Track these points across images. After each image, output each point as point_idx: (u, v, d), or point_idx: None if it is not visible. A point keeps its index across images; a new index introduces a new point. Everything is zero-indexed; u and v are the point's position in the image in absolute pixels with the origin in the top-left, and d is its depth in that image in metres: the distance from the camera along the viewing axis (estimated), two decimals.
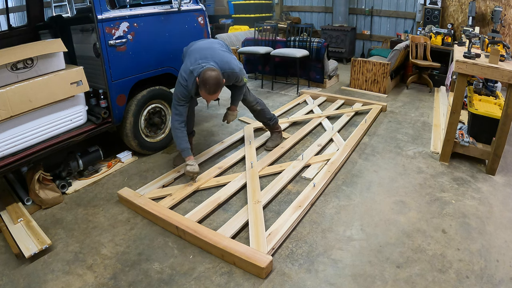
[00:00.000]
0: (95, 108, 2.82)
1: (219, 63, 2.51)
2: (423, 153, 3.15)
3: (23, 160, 2.33)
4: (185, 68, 2.53)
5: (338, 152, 3.03)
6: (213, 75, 2.36)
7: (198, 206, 2.32)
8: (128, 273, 1.87)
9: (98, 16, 2.51)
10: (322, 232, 2.16)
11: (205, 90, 2.38)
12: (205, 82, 2.36)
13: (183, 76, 2.51)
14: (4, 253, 2.03)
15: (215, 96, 2.46)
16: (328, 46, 5.32)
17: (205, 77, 2.36)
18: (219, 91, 2.43)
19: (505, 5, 5.06)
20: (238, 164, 2.98)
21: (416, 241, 2.07)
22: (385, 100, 4.62)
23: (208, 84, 2.35)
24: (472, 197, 2.50)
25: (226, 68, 2.53)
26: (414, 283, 1.78)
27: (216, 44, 2.73)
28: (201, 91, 2.42)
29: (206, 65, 2.44)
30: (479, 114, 2.87)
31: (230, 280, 1.81)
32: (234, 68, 2.59)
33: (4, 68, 2.16)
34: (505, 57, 2.76)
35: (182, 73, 2.53)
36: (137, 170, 2.92)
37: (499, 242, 2.06)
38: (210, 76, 2.35)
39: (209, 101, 2.56)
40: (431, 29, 5.38)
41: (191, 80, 2.48)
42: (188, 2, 3.16)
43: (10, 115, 2.18)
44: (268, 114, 3.19)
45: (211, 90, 2.38)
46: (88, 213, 2.37)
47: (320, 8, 7.79)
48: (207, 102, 2.57)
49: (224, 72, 2.51)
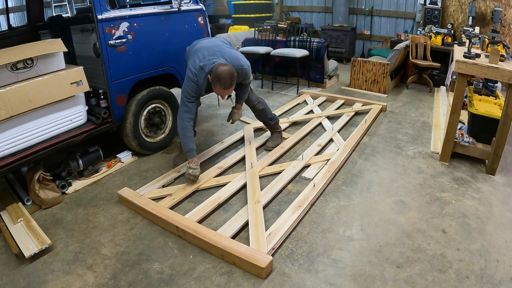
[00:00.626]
0: (95, 108, 2.82)
1: (229, 59, 2.49)
2: (423, 153, 3.15)
3: (23, 160, 2.33)
4: (194, 65, 2.49)
5: (338, 152, 3.03)
6: (226, 69, 2.34)
7: (198, 206, 2.33)
8: (128, 273, 1.87)
9: (98, 16, 2.51)
10: (322, 232, 2.16)
11: (219, 85, 2.36)
12: (219, 77, 2.33)
13: (192, 71, 2.47)
14: (4, 253, 2.03)
15: (230, 91, 2.43)
16: (328, 46, 5.33)
17: (218, 72, 2.33)
18: (234, 85, 2.42)
19: (505, 5, 5.06)
20: (238, 164, 2.98)
21: (416, 241, 2.07)
22: (385, 100, 4.62)
23: (223, 78, 2.33)
24: (472, 197, 2.50)
25: (235, 65, 2.51)
26: (414, 283, 1.78)
27: (222, 42, 2.73)
28: (215, 87, 2.40)
29: (217, 61, 2.42)
30: (479, 114, 2.87)
31: (230, 280, 1.81)
32: (243, 64, 2.57)
33: (4, 68, 2.16)
34: (505, 57, 2.76)
35: (191, 68, 2.49)
36: (137, 170, 2.92)
37: (499, 242, 2.06)
38: (223, 70, 2.33)
39: (224, 97, 2.52)
40: (431, 29, 5.38)
41: (202, 76, 2.46)
42: (188, 2, 3.16)
43: (10, 115, 2.18)
44: (270, 114, 3.19)
45: (227, 84, 2.35)
46: (88, 213, 2.37)
47: (320, 8, 7.79)
48: (222, 97, 2.52)
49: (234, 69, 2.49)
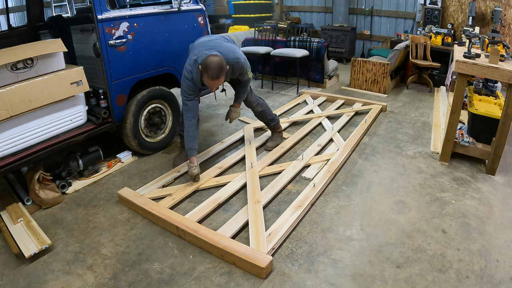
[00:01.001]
0: (95, 108, 2.82)
1: (224, 52, 2.48)
2: (423, 153, 3.15)
3: (23, 160, 2.33)
4: (189, 61, 2.51)
5: (338, 152, 3.03)
6: (215, 59, 2.34)
7: (198, 206, 2.32)
8: (128, 273, 1.87)
9: (98, 16, 2.51)
10: (322, 232, 2.16)
11: (207, 75, 2.35)
12: (207, 67, 2.33)
13: (188, 69, 2.49)
14: (4, 253, 2.03)
15: (218, 82, 2.41)
16: (328, 46, 5.32)
17: (207, 61, 2.33)
18: (222, 76, 2.39)
19: (505, 5, 5.06)
20: (238, 164, 2.98)
21: (416, 241, 2.07)
22: (385, 100, 4.61)
23: (211, 68, 2.32)
24: (472, 197, 2.50)
25: (230, 58, 2.50)
26: (414, 283, 1.78)
27: (220, 37, 2.73)
28: (204, 78, 2.39)
29: (209, 53, 2.42)
30: (479, 114, 2.87)
31: (230, 280, 1.81)
32: (239, 57, 2.56)
33: (4, 68, 2.16)
34: (505, 57, 2.76)
35: (187, 66, 2.51)
36: (137, 170, 2.92)
37: (499, 242, 2.06)
38: (212, 60, 2.33)
39: (213, 89, 2.50)
40: (431, 29, 5.38)
41: (195, 69, 2.46)
42: (188, 2, 3.16)
43: (10, 115, 2.18)
44: (270, 115, 3.18)
45: (214, 74, 2.34)
46: (88, 213, 2.37)
47: (320, 8, 7.79)
48: (211, 89, 2.50)
49: (228, 62, 2.47)
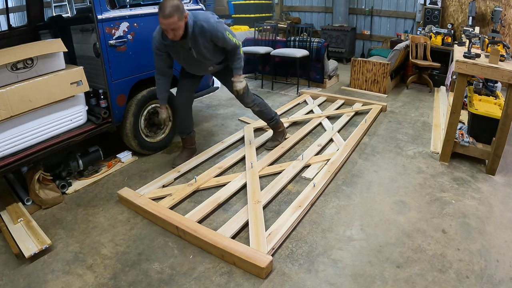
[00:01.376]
0: (95, 108, 2.82)
1: (194, 14, 2.41)
2: (423, 153, 3.15)
3: (23, 160, 2.33)
4: None
5: (338, 152, 3.03)
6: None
7: (198, 206, 2.32)
8: (128, 273, 1.87)
9: (98, 16, 2.51)
10: (322, 232, 2.16)
11: (160, 15, 2.20)
12: (160, 7, 2.21)
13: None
14: (4, 253, 2.03)
15: (171, 23, 2.20)
16: (328, 46, 5.33)
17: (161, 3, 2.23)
18: (175, 15, 2.19)
19: (505, 5, 5.06)
20: (238, 164, 2.97)
21: (416, 241, 2.07)
22: (385, 100, 4.62)
23: (162, 5, 2.18)
24: (472, 197, 2.50)
25: (200, 18, 2.39)
26: (414, 283, 1.78)
27: None
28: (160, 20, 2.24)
29: None
30: (479, 114, 2.87)
31: (230, 280, 1.81)
32: (209, 18, 2.42)
33: (4, 68, 2.16)
34: (505, 57, 2.75)
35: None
36: (137, 170, 2.92)
37: (499, 242, 2.06)
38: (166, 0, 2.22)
39: (169, 34, 2.28)
40: (431, 29, 5.38)
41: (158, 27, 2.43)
42: (188, 2, 3.16)
43: (10, 115, 2.18)
44: (268, 115, 3.15)
45: (165, 12, 2.16)
46: (88, 213, 2.37)
47: (320, 8, 7.79)
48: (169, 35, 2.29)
49: (197, 21, 2.37)
